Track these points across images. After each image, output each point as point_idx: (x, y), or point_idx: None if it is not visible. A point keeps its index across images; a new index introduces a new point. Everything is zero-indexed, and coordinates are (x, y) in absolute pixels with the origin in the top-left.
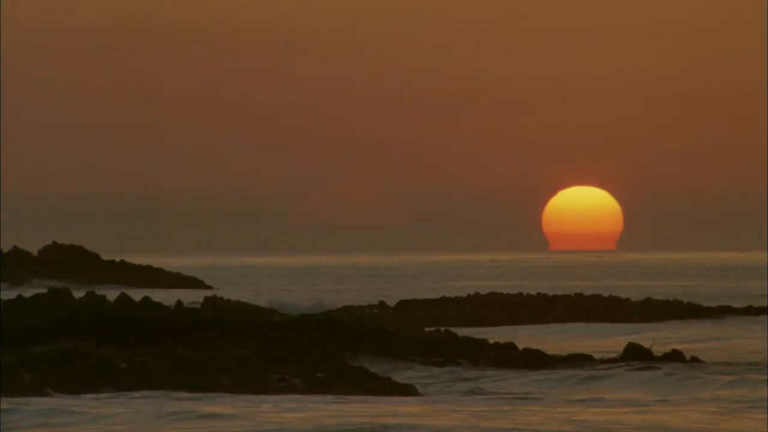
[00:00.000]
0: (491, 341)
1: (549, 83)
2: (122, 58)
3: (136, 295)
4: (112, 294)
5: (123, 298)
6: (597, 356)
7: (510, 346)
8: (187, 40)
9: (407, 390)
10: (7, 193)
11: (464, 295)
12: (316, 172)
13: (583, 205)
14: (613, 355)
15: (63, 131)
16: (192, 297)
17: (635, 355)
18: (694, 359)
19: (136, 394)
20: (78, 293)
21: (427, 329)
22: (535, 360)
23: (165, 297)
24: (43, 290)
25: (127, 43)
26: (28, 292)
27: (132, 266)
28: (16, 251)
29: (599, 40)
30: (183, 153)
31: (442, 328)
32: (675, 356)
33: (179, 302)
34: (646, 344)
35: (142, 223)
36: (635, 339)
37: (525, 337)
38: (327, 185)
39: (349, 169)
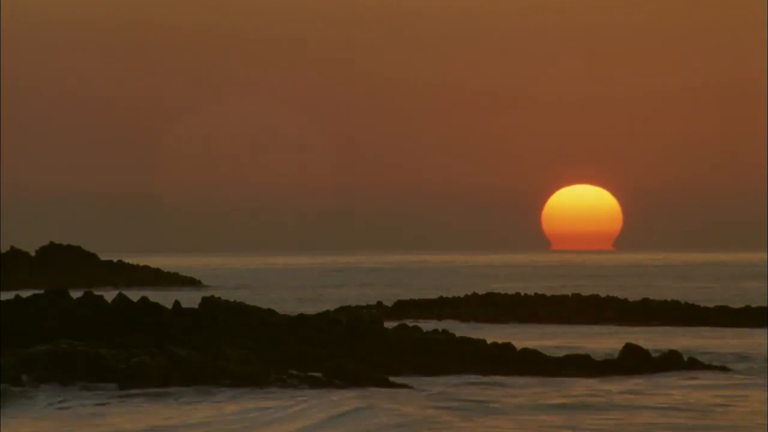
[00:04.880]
0: (489, 341)
1: (548, 86)
2: (121, 61)
3: (134, 295)
4: (109, 294)
5: (121, 298)
6: (595, 357)
7: (508, 347)
8: (185, 45)
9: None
10: (5, 193)
11: (462, 295)
12: (319, 171)
13: (582, 204)
14: (611, 356)
15: (61, 132)
16: (190, 297)
17: (633, 355)
18: (692, 360)
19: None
20: (76, 293)
21: (425, 330)
22: (532, 361)
23: (163, 297)
24: (41, 291)
25: (127, 46)
26: (25, 293)
27: (130, 266)
28: (14, 251)
29: (598, 43)
30: (182, 154)
31: (440, 329)
32: (673, 357)
33: (177, 302)
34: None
35: (139, 224)
36: (633, 339)
37: (523, 335)
38: (330, 184)
39: (348, 168)
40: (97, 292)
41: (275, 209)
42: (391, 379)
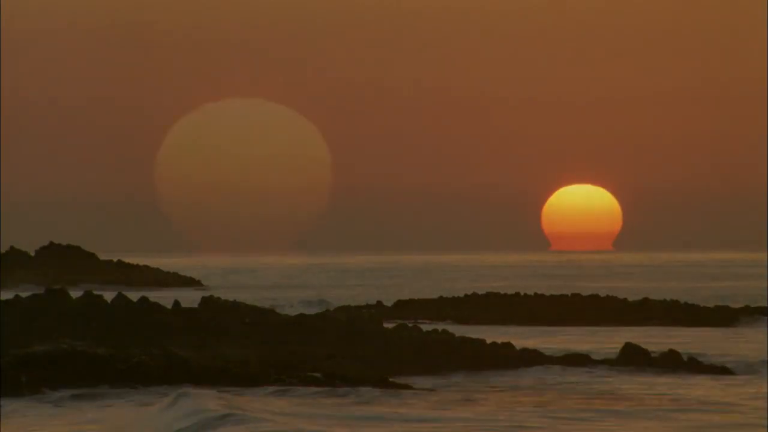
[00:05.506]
0: (488, 341)
1: (549, 86)
2: (121, 62)
3: (134, 295)
4: (109, 294)
5: (120, 298)
6: (595, 357)
7: (508, 347)
8: (185, 45)
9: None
10: (5, 193)
11: (462, 295)
12: (319, 171)
13: (582, 204)
14: (611, 356)
15: (61, 132)
16: (190, 297)
17: (633, 355)
18: (692, 359)
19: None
20: (75, 293)
21: (424, 329)
22: (532, 361)
23: (163, 297)
24: (41, 290)
25: (127, 47)
26: (25, 293)
27: (129, 266)
28: (14, 251)
29: (598, 44)
30: (182, 154)
31: (440, 329)
32: (672, 357)
33: (177, 302)
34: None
35: (139, 224)
36: (633, 339)
37: (523, 335)
38: (330, 184)
39: (348, 168)
40: (97, 292)
41: (275, 209)
42: (391, 379)
